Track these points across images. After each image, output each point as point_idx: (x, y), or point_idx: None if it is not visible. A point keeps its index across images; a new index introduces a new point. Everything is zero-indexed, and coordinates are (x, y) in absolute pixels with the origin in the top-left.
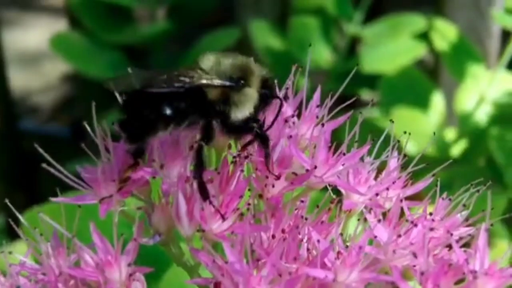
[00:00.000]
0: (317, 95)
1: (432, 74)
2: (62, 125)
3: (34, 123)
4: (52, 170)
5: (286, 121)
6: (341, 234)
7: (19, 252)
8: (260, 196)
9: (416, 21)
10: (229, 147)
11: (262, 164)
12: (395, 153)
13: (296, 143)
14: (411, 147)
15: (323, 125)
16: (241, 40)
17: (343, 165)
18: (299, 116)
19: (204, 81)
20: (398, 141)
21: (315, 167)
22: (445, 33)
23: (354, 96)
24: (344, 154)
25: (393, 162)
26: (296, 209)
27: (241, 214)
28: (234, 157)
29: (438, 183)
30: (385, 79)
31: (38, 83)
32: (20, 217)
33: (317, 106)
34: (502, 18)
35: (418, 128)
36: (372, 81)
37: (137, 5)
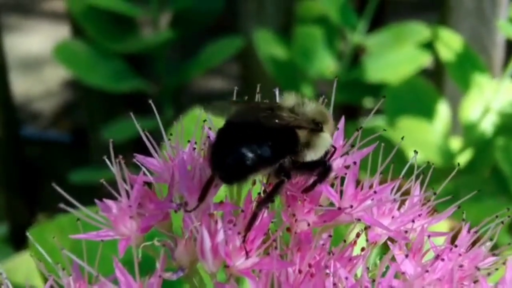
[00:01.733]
0: (341, 128)
1: (436, 82)
2: (64, 131)
3: (35, 129)
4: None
5: None
6: (368, 268)
7: (26, 263)
8: (288, 229)
9: (420, 30)
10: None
11: (294, 200)
12: (418, 184)
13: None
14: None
15: (354, 163)
16: (245, 49)
17: (372, 199)
18: None
19: (302, 123)
20: (423, 172)
21: (351, 206)
22: (450, 43)
23: (358, 105)
24: (374, 192)
25: (417, 193)
26: (322, 244)
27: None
28: (259, 193)
29: (464, 215)
30: (389, 88)
31: (39, 89)
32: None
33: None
34: (507, 28)
35: (423, 137)
36: (376, 90)
37: (140, 14)
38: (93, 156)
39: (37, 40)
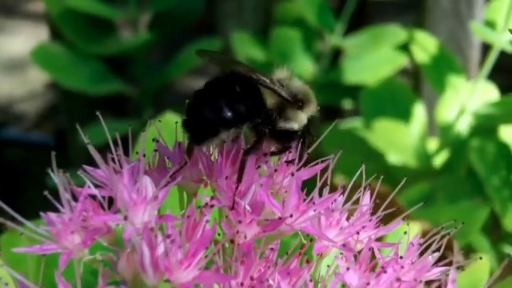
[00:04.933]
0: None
1: (414, 83)
2: (47, 133)
3: (17, 131)
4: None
5: (259, 166)
6: (311, 281)
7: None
8: (232, 241)
9: (397, 32)
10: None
11: (234, 212)
12: (368, 193)
13: (267, 189)
14: (393, 158)
15: (292, 174)
16: (224, 50)
17: (314, 210)
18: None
19: (274, 87)
20: (369, 184)
21: (291, 216)
22: (425, 45)
23: (337, 107)
24: (313, 203)
25: (366, 203)
26: (265, 258)
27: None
28: (199, 207)
29: (408, 230)
30: (366, 89)
31: (22, 91)
32: None
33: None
34: (481, 31)
35: (400, 139)
36: (354, 92)
37: (119, 16)
38: (72, 159)
39: (20, 41)
